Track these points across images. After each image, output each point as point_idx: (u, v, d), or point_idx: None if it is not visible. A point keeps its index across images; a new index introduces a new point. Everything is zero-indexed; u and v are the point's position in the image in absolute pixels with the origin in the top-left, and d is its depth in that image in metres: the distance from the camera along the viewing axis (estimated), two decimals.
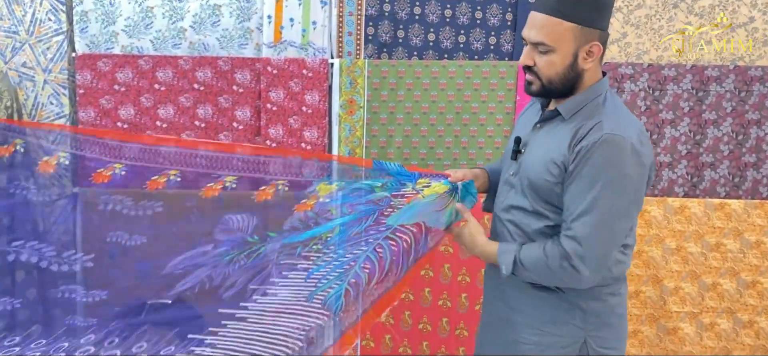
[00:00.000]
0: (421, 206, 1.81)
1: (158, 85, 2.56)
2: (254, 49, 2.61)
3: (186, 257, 1.88)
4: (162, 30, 2.57)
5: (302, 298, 1.71)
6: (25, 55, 2.56)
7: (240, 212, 1.95)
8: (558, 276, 1.55)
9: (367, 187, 1.92)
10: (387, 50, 2.64)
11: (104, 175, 1.98)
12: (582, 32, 1.51)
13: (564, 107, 1.59)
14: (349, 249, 1.80)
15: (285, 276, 1.79)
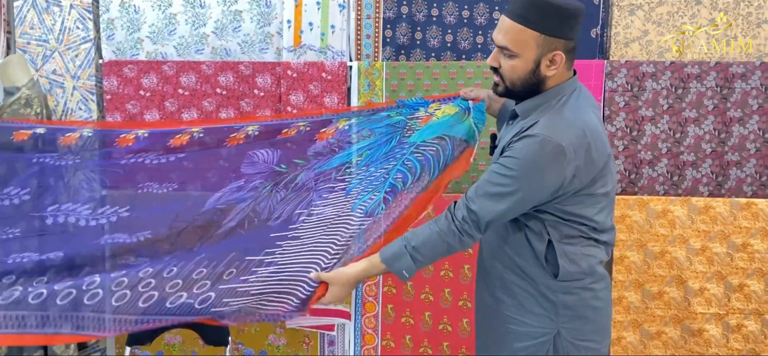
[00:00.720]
0: (438, 124, 2.02)
1: (182, 90, 2.63)
2: (275, 54, 2.66)
3: (223, 193, 2.06)
4: (185, 36, 2.63)
5: (347, 209, 1.95)
6: (55, 63, 2.65)
7: (264, 148, 2.12)
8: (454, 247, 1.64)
9: (383, 115, 2.12)
10: (405, 52, 2.66)
11: (128, 138, 2.11)
12: (545, 41, 1.56)
13: (520, 108, 1.68)
14: (380, 166, 2.02)
15: (325, 197, 2.00)
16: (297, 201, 2.03)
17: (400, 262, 1.67)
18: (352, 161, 2.05)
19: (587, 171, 1.57)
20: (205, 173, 2.09)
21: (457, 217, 1.62)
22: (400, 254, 1.67)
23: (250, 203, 2.03)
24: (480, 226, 1.60)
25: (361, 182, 2.00)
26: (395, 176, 1.97)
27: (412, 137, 2.04)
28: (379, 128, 2.10)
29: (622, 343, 2.60)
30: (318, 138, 2.11)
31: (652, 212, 2.56)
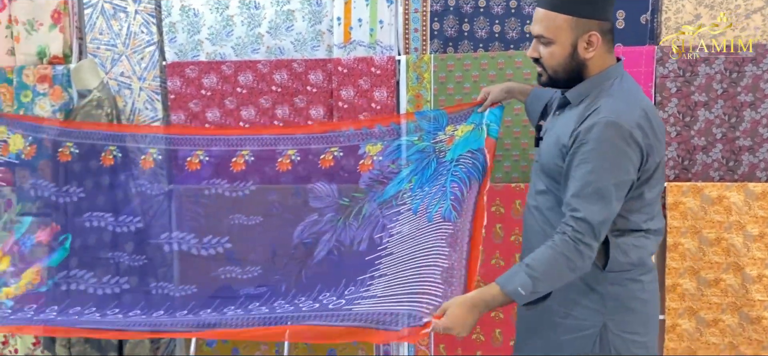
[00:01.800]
0: (464, 142, 2.21)
1: (240, 88, 2.76)
2: (326, 51, 2.75)
3: (304, 226, 2.34)
4: (241, 37, 2.76)
5: (424, 222, 2.09)
6: (123, 66, 2.82)
7: (318, 181, 2.39)
8: (574, 261, 1.55)
9: (407, 142, 2.34)
10: (452, 44, 2.70)
11: (193, 163, 2.45)
12: (578, 24, 1.60)
13: (571, 94, 1.70)
14: (433, 184, 2.18)
15: (396, 219, 2.18)
16: (371, 227, 2.24)
17: (515, 280, 1.58)
18: (404, 187, 2.24)
19: (658, 149, 1.60)
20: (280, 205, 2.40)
21: (567, 230, 1.57)
22: (514, 273, 1.61)
23: (331, 235, 2.28)
24: (595, 232, 1.54)
25: (422, 201, 2.15)
26: (451, 187, 2.10)
27: (447, 156, 2.22)
28: (413, 156, 2.31)
29: (677, 330, 2.58)
30: (361, 170, 2.37)
31: (707, 199, 2.52)
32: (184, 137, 2.50)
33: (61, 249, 2.38)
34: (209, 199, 2.42)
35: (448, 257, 1.91)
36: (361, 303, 1.92)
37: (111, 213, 2.42)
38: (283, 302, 2.10)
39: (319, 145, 2.42)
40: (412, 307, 1.77)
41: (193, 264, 2.35)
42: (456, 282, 1.84)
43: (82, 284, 2.31)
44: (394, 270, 2.01)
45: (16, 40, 2.87)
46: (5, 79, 2.88)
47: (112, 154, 2.49)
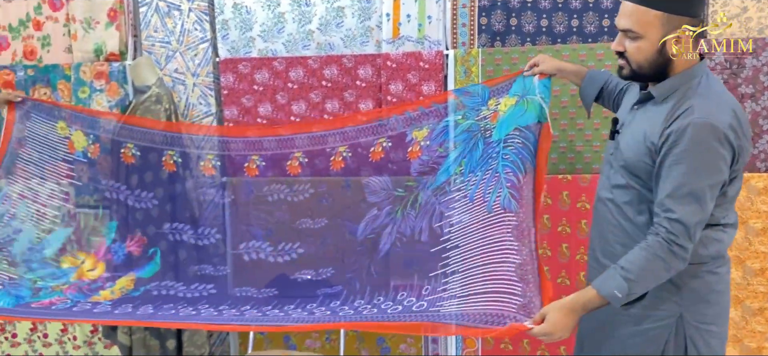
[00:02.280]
0: (508, 118, 2.17)
1: (291, 83, 2.83)
2: (374, 46, 2.81)
3: (366, 223, 2.41)
4: (292, 33, 2.83)
5: (483, 212, 2.10)
6: (177, 62, 2.91)
7: (372, 175, 2.45)
8: (668, 262, 1.58)
9: (452, 122, 2.34)
10: (500, 38, 2.75)
11: (251, 168, 2.54)
12: (669, 20, 1.60)
13: (657, 90, 1.68)
14: (485, 168, 2.17)
15: (453, 207, 2.21)
16: (428, 216, 2.29)
17: (610, 283, 1.60)
18: (455, 172, 2.26)
19: (747, 149, 1.62)
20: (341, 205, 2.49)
21: (661, 231, 1.58)
22: (608, 277, 1.62)
23: (392, 228, 2.35)
24: (690, 233, 1.56)
25: (477, 187, 2.16)
26: (505, 171, 2.09)
27: (493, 136, 2.19)
28: (458, 138, 2.30)
29: None
30: (410, 157, 2.40)
31: (753, 189, 2.56)
32: (235, 140, 2.60)
33: (152, 263, 2.50)
34: (274, 206, 2.52)
35: (519, 252, 1.93)
36: (444, 304, 1.97)
37: (190, 225, 2.54)
38: (363, 301, 2.18)
39: (367, 137, 2.47)
40: (498, 307, 1.81)
41: (272, 270, 2.45)
42: (531, 279, 1.86)
43: (173, 290, 2.43)
44: (466, 266, 2.05)
45: (74, 38, 2.96)
46: (63, 76, 2.97)
47: (173, 159, 2.59)
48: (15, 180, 2.59)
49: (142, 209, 2.57)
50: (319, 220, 2.46)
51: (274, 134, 2.59)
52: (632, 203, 1.72)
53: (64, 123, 2.66)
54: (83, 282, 2.43)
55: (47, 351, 3.14)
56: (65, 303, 2.27)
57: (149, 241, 2.54)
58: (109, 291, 2.39)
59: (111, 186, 2.61)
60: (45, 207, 2.61)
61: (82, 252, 2.56)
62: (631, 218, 1.72)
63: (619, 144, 1.77)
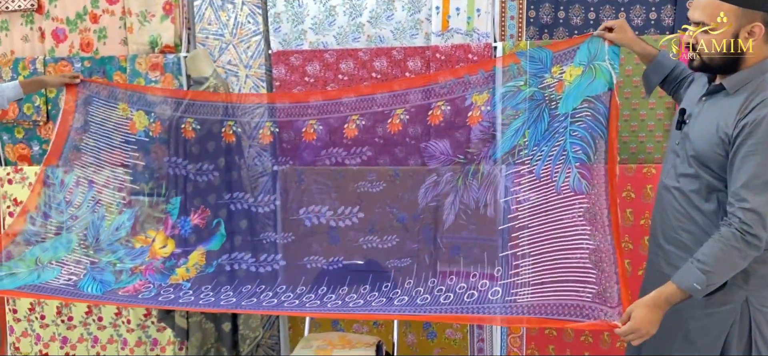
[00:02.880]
0: (575, 89, 2.08)
1: (342, 75, 2.90)
2: (424, 38, 2.87)
3: (426, 189, 2.38)
4: (343, 26, 2.89)
5: (552, 193, 2.06)
6: (230, 54, 2.99)
7: (430, 139, 2.40)
8: (743, 252, 1.63)
9: (513, 88, 2.25)
10: (548, 31, 2.80)
11: (309, 133, 2.57)
12: (743, 14, 1.64)
13: (729, 82, 1.72)
14: (551, 143, 2.11)
15: (518, 182, 2.16)
16: (493, 189, 2.25)
17: (689, 277, 1.65)
18: (518, 143, 2.20)
19: None
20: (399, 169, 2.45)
21: (734, 222, 1.62)
22: (686, 270, 1.67)
23: (454, 197, 2.31)
24: (764, 222, 1.60)
25: (544, 163, 2.11)
26: (573, 149, 2.05)
27: (560, 108, 2.13)
28: (520, 106, 2.23)
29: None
30: (470, 122, 2.35)
31: None
32: (292, 106, 2.59)
33: (219, 235, 2.58)
34: (332, 170, 2.51)
35: (592, 237, 1.91)
36: (519, 292, 1.96)
37: (249, 194, 2.59)
38: (435, 280, 2.18)
39: (425, 100, 2.44)
40: (573, 297, 1.82)
41: (335, 236, 2.45)
42: (607, 266, 1.85)
43: (244, 264, 2.49)
44: (537, 250, 2.02)
45: (129, 31, 3.05)
46: (119, 68, 3.06)
47: (232, 130, 2.65)
48: (84, 162, 2.68)
49: (203, 181, 2.64)
50: (378, 184, 2.44)
51: (331, 97, 2.59)
52: (700, 191, 1.76)
53: (125, 105, 2.74)
54: (158, 260, 2.52)
55: (102, 333, 3.25)
56: (149, 288, 2.35)
57: (212, 212, 2.61)
58: (184, 268, 2.47)
59: (173, 162, 2.68)
60: (110, 188, 2.69)
61: (151, 230, 2.64)
62: (698, 206, 1.77)
63: (687, 134, 1.81)
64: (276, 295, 2.30)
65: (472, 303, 2.05)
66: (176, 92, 2.86)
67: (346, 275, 2.33)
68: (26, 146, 3.28)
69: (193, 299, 2.30)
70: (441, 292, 2.15)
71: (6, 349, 3.38)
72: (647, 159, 2.73)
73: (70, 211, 2.64)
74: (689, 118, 1.82)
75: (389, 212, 2.41)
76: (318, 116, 2.56)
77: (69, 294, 2.35)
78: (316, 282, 2.33)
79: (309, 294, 2.27)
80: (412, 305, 2.11)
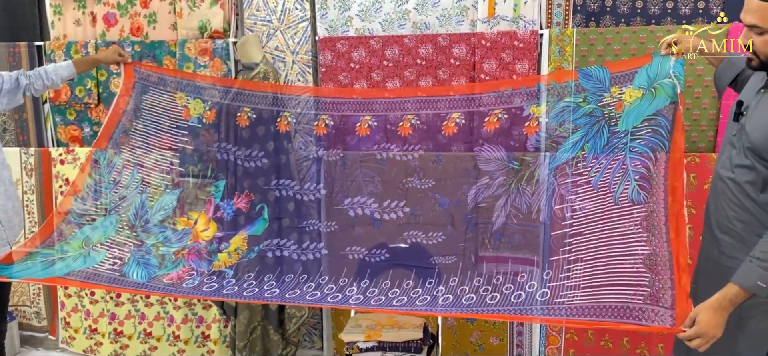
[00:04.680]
0: (636, 110, 2.14)
1: (387, 61, 2.94)
2: (469, 25, 2.90)
3: (478, 190, 2.41)
4: (389, 13, 2.93)
5: (609, 202, 2.10)
6: (277, 40, 3.04)
7: (485, 144, 2.45)
8: None
9: (572, 104, 2.30)
10: (595, 19, 2.81)
11: (363, 128, 2.62)
12: None
13: None
14: (610, 158, 2.15)
15: (575, 191, 2.21)
16: (546, 196, 2.28)
17: (751, 276, 1.66)
18: (577, 154, 2.24)
19: None
20: (449, 168, 2.48)
21: None
22: (747, 270, 1.68)
23: (506, 200, 2.34)
24: None
25: (602, 175, 2.15)
26: (633, 164, 2.09)
27: (620, 125, 2.18)
28: (580, 121, 2.28)
29: None
30: (527, 132, 2.42)
31: None
32: (348, 101, 2.63)
33: (261, 220, 2.63)
34: (382, 163, 2.56)
35: (648, 243, 1.93)
36: (568, 294, 1.98)
37: (296, 181, 2.64)
38: (480, 279, 2.21)
39: (482, 108, 2.49)
40: (624, 299, 1.83)
41: (380, 228, 2.49)
42: (661, 267, 1.87)
43: (286, 251, 2.55)
44: (590, 256, 2.05)
45: (179, 16, 3.12)
46: (169, 52, 3.14)
47: (287, 120, 2.70)
48: (132, 146, 2.75)
49: (251, 167, 2.69)
50: (427, 181, 2.49)
51: (386, 96, 2.64)
52: (755, 183, 1.78)
53: (182, 93, 2.80)
54: (200, 244, 2.58)
55: (149, 310, 3.35)
56: (192, 276, 2.42)
57: (256, 198, 2.66)
58: (226, 253, 2.54)
59: (222, 147, 2.74)
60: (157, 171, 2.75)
61: (194, 212, 2.71)
62: (753, 197, 1.79)
63: (744, 127, 1.82)
64: (319, 287, 2.33)
65: (519, 304, 2.08)
66: (225, 79, 2.92)
67: (389, 268, 2.36)
68: (77, 128, 3.38)
69: (236, 289, 2.36)
70: (487, 292, 2.18)
71: (57, 323, 3.51)
72: (691, 148, 2.74)
73: (118, 192, 2.72)
74: (746, 110, 1.84)
75: (436, 209, 2.46)
76: (373, 112, 2.62)
77: (115, 281, 2.42)
78: (358, 274, 2.36)
79: (351, 287, 2.30)
80: (458, 305, 2.14)
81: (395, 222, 2.48)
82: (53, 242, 2.58)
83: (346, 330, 2.46)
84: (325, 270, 2.43)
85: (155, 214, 2.66)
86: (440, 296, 2.19)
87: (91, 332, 3.43)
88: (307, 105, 2.70)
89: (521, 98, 2.44)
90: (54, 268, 2.48)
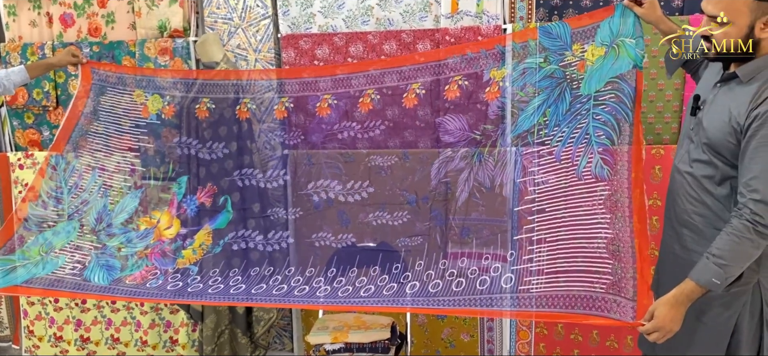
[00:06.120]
0: (599, 70, 2.02)
1: (351, 58, 2.90)
2: (433, 21, 2.87)
3: (440, 164, 2.32)
4: (352, 9, 2.89)
5: (572, 177, 2.00)
6: (239, 38, 2.99)
7: (446, 113, 2.33)
8: (756, 242, 1.65)
9: (533, 65, 2.18)
10: (558, 12, 2.80)
11: (323, 109, 2.52)
12: (758, 6, 1.64)
13: (742, 71, 1.73)
14: (573, 125, 2.04)
15: (537, 162, 2.09)
16: (509, 168, 2.19)
17: (707, 273, 1.67)
18: (538, 121, 2.15)
19: None
20: (412, 142, 2.39)
21: (745, 213, 1.64)
22: (703, 266, 1.69)
23: (468, 173, 2.25)
24: None
25: (565, 144, 2.06)
26: (597, 133, 2.00)
27: (582, 89, 2.07)
28: (541, 83, 2.16)
29: None
30: (488, 98, 2.29)
31: None
32: (307, 81, 2.53)
33: (225, 212, 2.58)
34: (344, 143, 2.47)
35: (611, 226, 1.88)
36: (532, 281, 1.93)
37: (257, 169, 2.57)
38: (446, 262, 2.15)
39: (442, 75, 2.38)
40: (586, 287, 1.80)
41: (345, 212, 2.41)
42: (625, 255, 1.83)
43: (251, 242, 2.49)
44: (553, 236, 1.99)
45: (138, 15, 3.05)
46: (128, 52, 3.07)
47: (247, 106, 2.64)
48: (91, 148, 2.68)
49: (213, 160, 2.63)
50: (390, 157, 2.39)
51: (344, 71, 2.53)
52: (713, 177, 1.79)
53: (140, 90, 2.73)
54: (164, 242, 2.53)
55: (115, 316, 3.29)
56: (156, 275, 2.36)
57: (219, 190, 2.60)
58: (191, 249, 2.48)
59: (183, 142, 2.68)
60: (117, 172, 2.70)
61: (156, 211, 2.65)
62: (711, 190, 1.79)
63: (701, 121, 1.82)
64: (285, 280, 2.29)
65: (484, 290, 2.02)
66: (186, 71, 2.86)
67: (355, 254, 2.31)
68: (36, 131, 3.30)
69: (201, 287, 2.30)
70: (453, 276, 2.12)
71: (20, 333, 3.43)
72: (656, 140, 2.75)
73: (78, 196, 2.65)
74: (703, 104, 1.84)
75: (400, 187, 2.37)
76: (333, 90, 2.52)
77: (77, 286, 2.35)
78: (326, 264, 2.31)
79: (318, 278, 2.26)
80: (424, 293, 2.08)
81: (360, 204, 2.40)
82: (13, 248, 2.51)
83: (312, 333, 2.44)
84: (291, 261, 2.38)
85: (117, 216, 2.60)
86: (407, 283, 2.14)
87: (56, 340, 3.35)
88: (265, 88, 2.62)
89: (481, 61, 2.32)
90: (15, 275, 2.42)
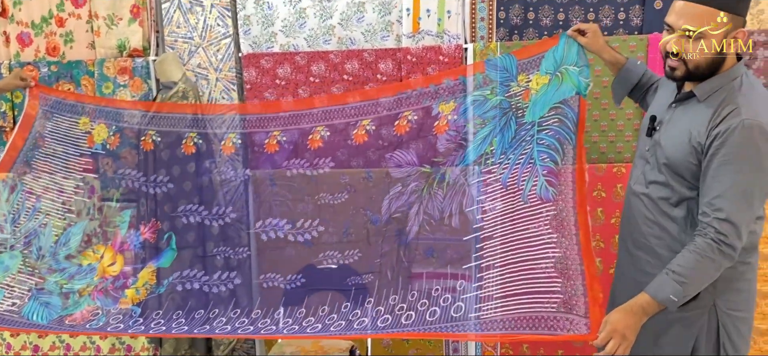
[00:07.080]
0: (543, 98, 2.07)
1: (313, 77, 2.88)
2: (395, 40, 2.87)
3: (390, 200, 2.31)
4: (314, 28, 2.88)
5: (519, 201, 2.02)
6: (200, 57, 2.96)
7: (396, 149, 2.34)
8: (718, 262, 1.63)
9: (480, 97, 2.23)
10: (518, 32, 2.81)
11: (272, 145, 2.48)
12: (733, 19, 1.61)
13: (699, 90, 1.70)
14: (518, 152, 2.08)
15: (485, 191, 2.12)
16: (458, 198, 2.19)
17: (665, 288, 1.64)
18: (486, 151, 2.17)
19: None
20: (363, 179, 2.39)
21: (710, 232, 1.61)
22: (662, 282, 1.65)
23: (418, 207, 2.25)
24: (739, 232, 1.60)
25: (511, 171, 2.08)
26: (541, 157, 2.02)
27: (526, 116, 2.11)
28: (488, 114, 2.20)
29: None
30: (436, 131, 2.32)
31: None
32: (256, 117, 2.51)
33: (169, 250, 2.49)
34: (292, 181, 2.43)
35: (558, 245, 1.88)
36: (482, 307, 1.92)
37: (203, 206, 2.50)
38: (396, 297, 2.12)
39: (392, 111, 2.38)
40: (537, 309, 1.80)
41: (294, 252, 2.38)
42: (573, 272, 1.83)
43: (196, 283, 2.42)
44: (502, 261, 1.98)
45: (97, 35, 3.00)
46: (87, 72, 3.02)
47: (194, 141, 2.57)
48: (35, 175, 2.59)
49: (158, 194, 2.56)
50: (340, 195, 2.37)
51: (294, 108, 2.51)
52: (670, 199, 1.76)
53: (86, 119, 2.66)
54: (107, 280, 2.44)
55: (74, 341, 3.21)
56: (97, 316, 2.28)
57: (164, 226, 2.53)
58: (134, 289, 2.40)
59: (127, 174, 2.61)
60: (61, 202, 2.61)
61: (100, 245, 2.57)
62: (667, 212, 1.77)
63: (658, 142, 1.79)
64: (230, 321, 2.23)
65: (434, 322, 2.00)
66: (143, 103, 2.80)
67: (303, 295, 2.27)
68: None
69: (143, 329, 2.24)
70: (402, 311, 2.10)
71: None
72: (617, 158, 2.76)
73: (20, 226, 2.54)
74: (660, 125, 1.80)
75: (351, 225, 2.35)
76: (282, 126, 2.49)
77: (13, 323, 2.26)
78: (272, 305, 2.26)
79: (264, 320, 2.20)
80: (374, 329, 2.06)
81: (310, 243, 2.37)
82: None
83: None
84: (238, 302, 2.33)
85: (59, 249, 2.51)
86: (355, 320, 2.12)
87: None
88: (218, 123, 2.57)
89: (429, 97, 2.34)
90: None
